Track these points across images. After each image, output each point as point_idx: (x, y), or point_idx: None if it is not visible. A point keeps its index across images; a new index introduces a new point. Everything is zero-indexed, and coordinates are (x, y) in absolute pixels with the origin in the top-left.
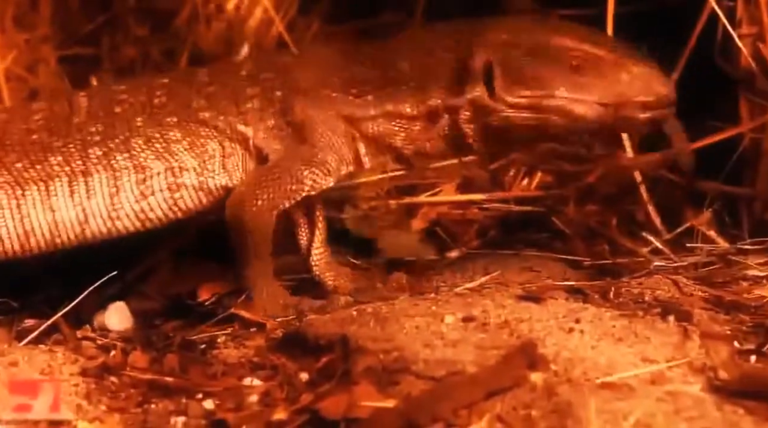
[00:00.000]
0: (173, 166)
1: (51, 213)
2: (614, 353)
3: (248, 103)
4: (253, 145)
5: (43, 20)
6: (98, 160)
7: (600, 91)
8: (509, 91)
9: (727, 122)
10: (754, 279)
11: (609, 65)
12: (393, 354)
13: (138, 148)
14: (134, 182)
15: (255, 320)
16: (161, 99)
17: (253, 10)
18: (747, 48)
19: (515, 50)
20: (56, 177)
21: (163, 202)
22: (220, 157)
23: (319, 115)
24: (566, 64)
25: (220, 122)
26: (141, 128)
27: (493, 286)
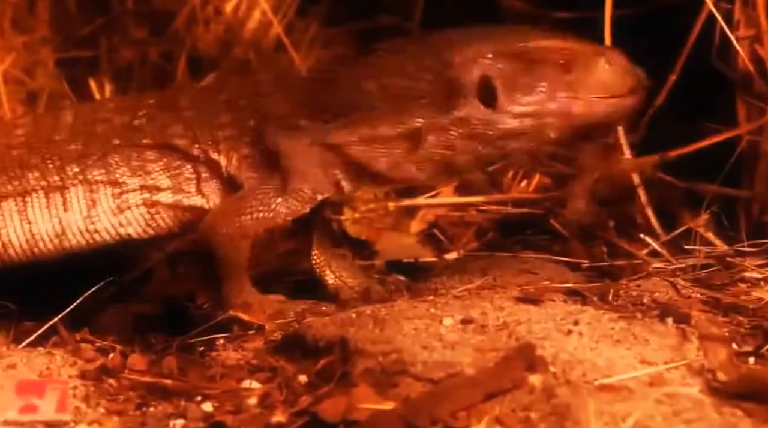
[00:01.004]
0: (149, 184)
1: (28, 225)
2: (613, 355)
3: (221, 131)
4: (226, 172)
5: (41, 23)
6: (74, 176)
7: (590, 85)
8: (512, 101)
9: (724, 124)
10: (752, 281)
11: (590, 58)
12: (392, 356)
13: (114, 164)
14: (110, 195)
15: (253, 322)
16: (141, 121)
17: (252, 12)
18: (744, 50)
19: (505, 59)
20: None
21: (140, 217)
22: (196, 181)
23: (291, 145)
24: (556, 63)
25: (194, 150)
26: (118, 147)
27: (492, 288)
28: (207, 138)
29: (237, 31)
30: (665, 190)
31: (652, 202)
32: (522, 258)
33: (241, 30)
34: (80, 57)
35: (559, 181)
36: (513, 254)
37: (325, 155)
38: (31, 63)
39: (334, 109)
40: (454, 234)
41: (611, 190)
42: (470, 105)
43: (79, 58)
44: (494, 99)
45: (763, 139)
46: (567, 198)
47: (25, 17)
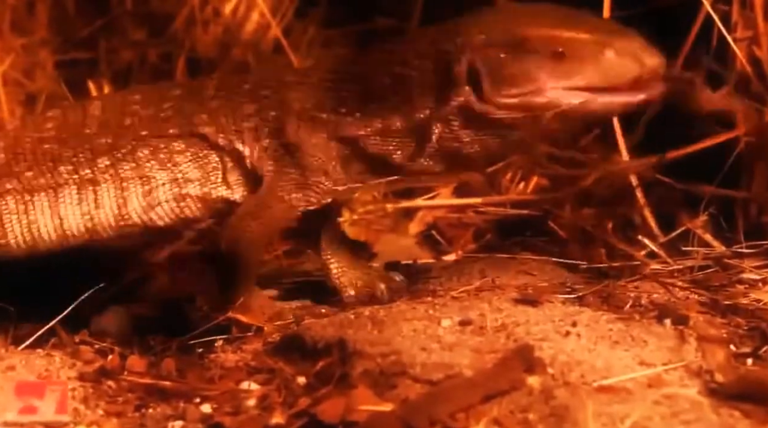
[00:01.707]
0: (177, 176)
1: (59, 220)
2: (611, 356)
3: (245, 121)
4: (249, 163)
5: (40, 24)
6: (105, 170)
7: (587, 76)
8: (497, 91)
9: (722, 125)
10: (750, 283)
11: (591, 46)
12: (390, 357)
13: (143, 157)
14: (140, 193)
15: (252, 324)
16: (167, 112)
17: (250, 14)
18: (742, 52)
19: (495, 48)
20: (65, 185)
21: (170, 210)
22: (222, 171)
23: (310, 138)
24: (547, 53)
25: (219, 139)
26: (146, 138)
27: (490, 290)
28: (232, 127)
29: (235, 33)
30: (663, 191)
31: (650, 204)
32: (520, 259)
33: (240, 31)
34: (79, 58)
35: (557, 183)
36: (511, 255)
37: (343, 148)
38: (30, 65)
39: (351, 102)
40: (453, 235)
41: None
42: (464, 94)
43: (78, 60)
44: (480, 88)
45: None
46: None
47: (24, 19)
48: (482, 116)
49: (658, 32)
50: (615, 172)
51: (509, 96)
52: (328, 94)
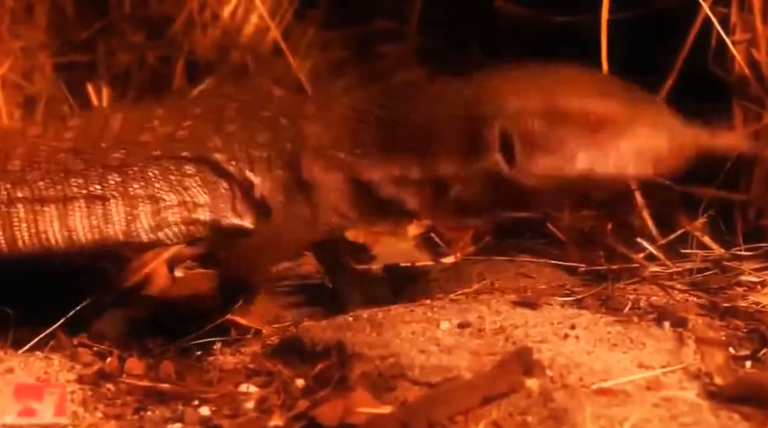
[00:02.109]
0: (186, 200)
1: (68, 232)
2: (610, 359)
3: (258, 151)
4: (259, 194)
5: (38, 27)
6: (115, 187)
7: (621, 148)
8: (531, 162)
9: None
10: (748, 285)
11: (627, 120)
12: (389, 360)
13: (153, 178)
14: (149, 213)
15: (251, 326)
16: (183, 132)
17: (249, 17)
18: (741, 54)
19: (530, 118)
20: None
21: (178, 232)
22: (231, 198)
23: (324, 176)
24: (584, 124)
25: (231, 167)
26: (158, 159)
27: (489, 292)
28: (244, 156)
29: (234, 36)
30: (662, 193)
31: (649, 206)
32: (519, 262)
33: (239, 34)
34: (78, 61)
35: None
36: (510, 258)
37: (357, 190)
38: (29, 68)
39: (371, 145)
40: (451, 238)
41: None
42: (493, 160)
43: (76, 63)
44: (513, 158)
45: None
46: None
47: (22, 22)
48: (509, 182)
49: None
50: None
51: (542, 165)
52: (348, 133)
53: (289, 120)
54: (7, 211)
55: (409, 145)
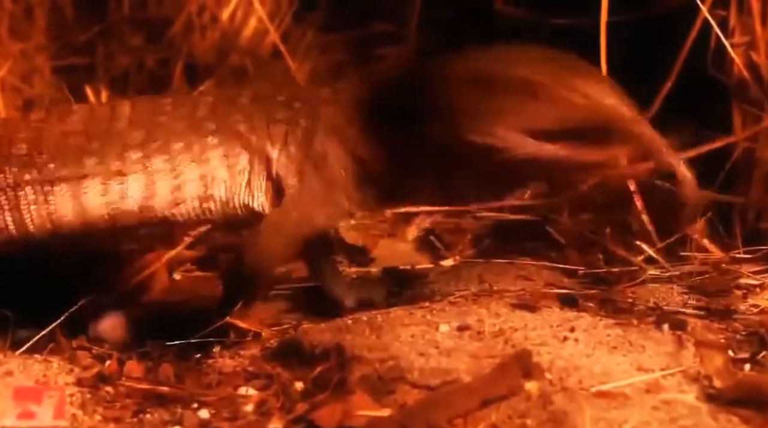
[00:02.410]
0: (206, 174)
1: (82, 210)
2: (609, 362)
3: (277, 125)
4: (275, 169)
5: (37, 30)
6: (136, 162)
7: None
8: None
9: (720, 131)
10: (747, 288)
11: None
12: (388, 363)
13: (176, 151)
14: (169, 188)
15: (250, 329)
16: (202, 112)
17: (248, 19)
18: (740, 57)
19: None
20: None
21: (192, 209)
22: (248, 173)
23: (334, 152)
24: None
25: (253, 138)
26: (181, 133)
27: (488, 295)
28: (263, 129)
29: (233, 39)
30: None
31: (648, 209)
32: (518, 264)
33: (238, 37)
34: (77, 64)
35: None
36: (509, 261)
37: (359, 168)
38: (28, 70)
39: (370, 124)
40: (450, 240)
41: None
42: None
43: (76, 66)
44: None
45: (758, 146)
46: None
47: (22, 25)
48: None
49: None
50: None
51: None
52: (357, 112)
53: (303, 103)
54: (15, 194)
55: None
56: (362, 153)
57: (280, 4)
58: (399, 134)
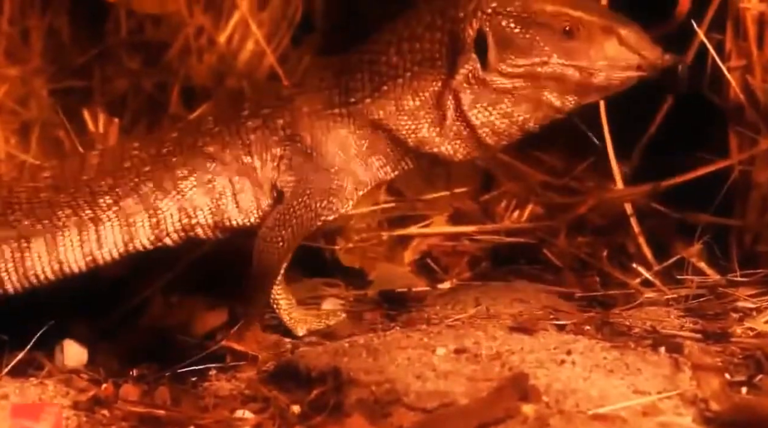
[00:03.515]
0: (185, 205)
1: (58, 264)
2: (606, 384)
3: (251, 134)
4: (261, 176)
5: (34, 53)
6: (108, 207)
7: (591, 56)
8: (503, 60)
9: (716, 154)
10: (744, 311)
11: (599, 30)
12: (385, 386)
13: (148, 191)
14: (147, 225)
15: (246, 352)
16: (168, 147)
17: (245, 42)
18: (736, 80)
19: (506, 18)
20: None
21: (178, 238)
22: (231, 192)
23: (326, 136)
24: (558, 29)
25: (226, 155)
26: (149, 173)
27: (485, 318)
28: (237, 142)
29: (231, 62)
30: (658, 219)
31: (645, 232)
32: (515, 287)
33: (235, 60)
34: (74, 87)
35: (551, 211)
36: (506, 284)
37: (361, 141)
38: (25, 93)
39: (361, 90)
40: (447, 263)
41: (604, 219)
42: (472, 62)
43: (73, 89)
44: (486, 57)
45: (754, 169)
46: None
47: (18, 48)
48: (488, 85)
49: None
50: (610, 200)
51: (515, 65)
52: (335, 90)
53: (271, 107)
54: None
55: (397, 74)
56: (356, 122)
57: (277, 27)
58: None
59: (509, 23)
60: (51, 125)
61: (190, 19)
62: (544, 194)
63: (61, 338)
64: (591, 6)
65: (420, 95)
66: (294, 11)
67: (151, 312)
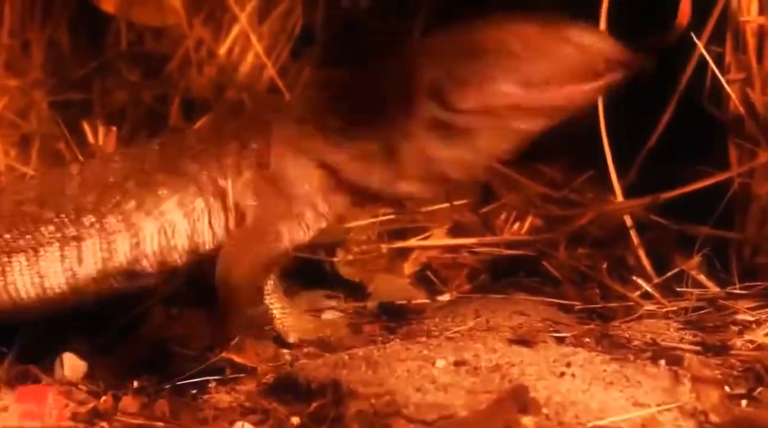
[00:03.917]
0: (165, 226)
1: (39, 279)
2: (605, 397)
3: (227, 157)
4: (232, 200)
5: (34, 66)
6: (91, 226)
7: (545, 72)
8: (459, 97)
9: (716, 167)
10: (743, 324)
11: (546, 40)
12: (384, 398)
13: (130, 210)
14: (127, 245)
15: (246, 364)
16: (150, 164)
17: (245, 55)
18: (735, 93)
19: (450, 55)
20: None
21: (155, 262)
22: (207, 214)
23: (293, 165)
24: (503, 51)
25: (203, 176)
26: (132, 191)
27: (484, 330)
28: (214, 165)
29: (230, 74)
30: (657, 232)
31: (645, 244)
32: (514, 299)
33: (235, 72)
34: (74, 99)
35: (551, 224)
36: (505, 296)
37: (325, 177)
38: (25, 106)
39: (331, 129)
40: (447, 276)
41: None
42: (428, 105)
43: (72, 101)
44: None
45: (754, 182)
46: None
47: (18, 60)
48: (449, 126)
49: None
50: (609, 212)
51: (473, 101)
52: (309, 123)
53: (253, 128)
54: None
55: (362, 120)
56: (321, 159)
57: (277, 39)
58: (362, 132)
59: (459, 59)
60: (51, 137)
61: (190, 32)
62: (543, 206)
63: (61, 351)
64: (531, 17)
65: (382, 140)
66: (294, 24)
67: (150, 324)
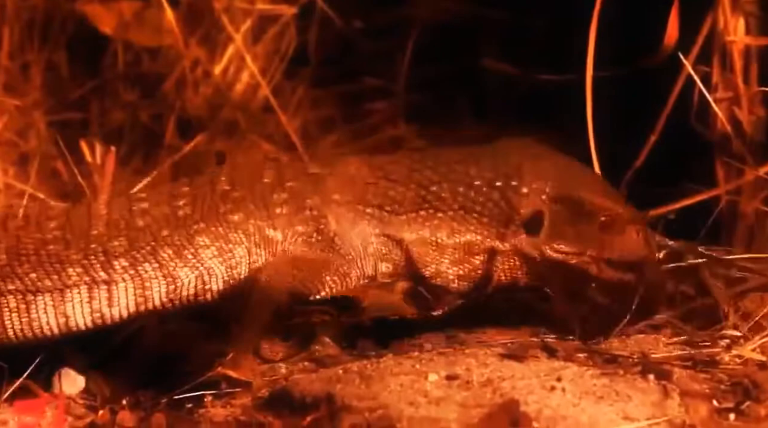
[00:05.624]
0: (203, 273)
1: (65, 319)
2: (596, 411)
3: (278, 208)
4: (280, 248)
5: (34, 86)
6: (124, 270)
7: (616, 249)
8: (550, 243)
9: (703, 185)
10: (732, 339)
11: (626, 223)
12: (378, 412)
13: (167, 258)
14: (164, 291)
15: (242, 379)
16: (186, 209)
17: (240, 75)
18: (723, 112)
19: (560, 204)
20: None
21: (189, 301)
22: (246, 263)
23: (353, 229)
24: (596, 221)
25: (250, 226)
26: (168, 238)
27: (476, 345)
28: (263, 213)
29: (226, 93)
30: None
31: None
32: (506, 314)
33: (230, 92)
34: (72, 119)
35: None
36: (497, 311)
37: (381, 246)
38: (24, 125)
39: (401, 204)
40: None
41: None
42: (522, 238)
43: (71, 121)
44: (537, 235)
45: (741, 200)
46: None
47: (18, 81)
48: (527, 258)
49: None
50: None
51: (558, 251)
52: (371, 189)
53: (299, 182)
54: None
55: (443, 210)
56: (386, 230)
57: (271, 59)
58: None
59: (563, 210)
60: (50, 156)
61: (186, 52)
62: None
63: (59, 366)
64: (617, 195)
65: (456, 237)
66: (288, 44)
67: (147, 339)
